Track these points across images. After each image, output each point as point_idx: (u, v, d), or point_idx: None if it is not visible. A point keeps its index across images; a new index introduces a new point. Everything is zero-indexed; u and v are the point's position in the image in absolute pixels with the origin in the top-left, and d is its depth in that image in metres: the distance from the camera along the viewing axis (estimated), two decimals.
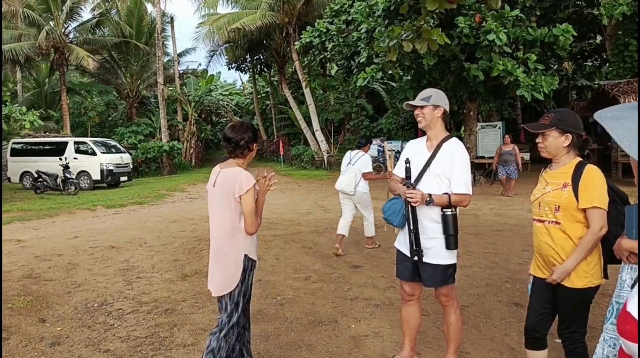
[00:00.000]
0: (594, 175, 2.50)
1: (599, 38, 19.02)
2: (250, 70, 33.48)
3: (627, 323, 1.45)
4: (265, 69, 33.29)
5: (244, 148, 2.99)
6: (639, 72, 15.01)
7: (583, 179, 2.49)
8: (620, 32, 16.11)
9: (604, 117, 1.91)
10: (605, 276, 2.60)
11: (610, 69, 17.46)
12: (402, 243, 3.23)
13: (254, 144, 3.03)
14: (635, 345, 1.37)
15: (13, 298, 4.92)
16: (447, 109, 3.12)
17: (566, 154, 2.61)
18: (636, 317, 1.32)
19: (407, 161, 3.06)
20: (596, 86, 17.92)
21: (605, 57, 18.81)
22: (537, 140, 2.66)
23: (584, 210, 2.49)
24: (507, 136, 12.83)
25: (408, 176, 3.05)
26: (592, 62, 20.54)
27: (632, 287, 2.39)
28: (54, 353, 3.71)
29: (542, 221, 2.66)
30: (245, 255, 2.94)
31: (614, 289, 2.55)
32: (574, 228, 2.53)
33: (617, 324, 2.08)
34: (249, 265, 2.96)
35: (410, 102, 3.14)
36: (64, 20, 26.12)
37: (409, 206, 2.99)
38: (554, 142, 2.59)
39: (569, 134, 2.57)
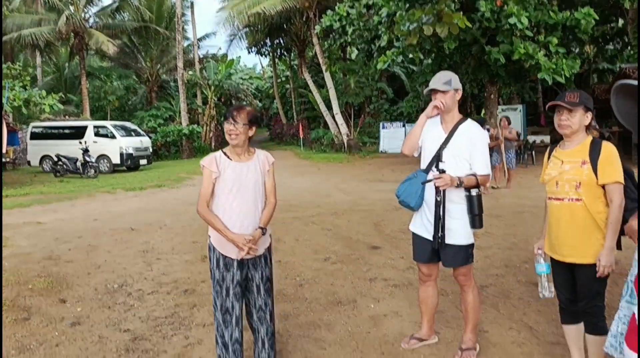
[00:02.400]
0: (612, 151, 2.60)
1: (621, 22, 18.74)
2: (270, 54, 33.32)
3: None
4: (285, 53, 33.10)
5: None
6: (638, 62, 14.88)
7: (602, 155, 2.58)
8: None
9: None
10: (619, 247, 2.67)
11: (632, 52, 17.35)
12: (418, 226, 3.20)
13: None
14: None
15: (34, 279, 4.97)
16: None
17: (582, 132, 2.71)
18: None
19: (442, 148, 3.05)
20: (618, 69, 17.59)
21: (627, 40, 18.66)
22: (563, 117, 2.69)
23: (603, 186, 2.59)
24: (504, 119, 11.37)
25: (438, 163, 3.05)
26: (614, 46, 20.34)
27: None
28: (75, 333, 3.73)
29: (560, 199, 2.71)
30: (209, 234, 2.97)
31: (630, 268, 2.55)
32: (595, 204, 2.61)
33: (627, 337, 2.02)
34: (212, 245, 2.95)
35: (434, 87, 3.04)
36: (84, 5, 26.26)
37: (440, 192, 2.99)
38: (579, 119, 2.66)
39: (590, 113, 2.68)
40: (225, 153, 2.94)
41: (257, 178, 2.95)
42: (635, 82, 1.98)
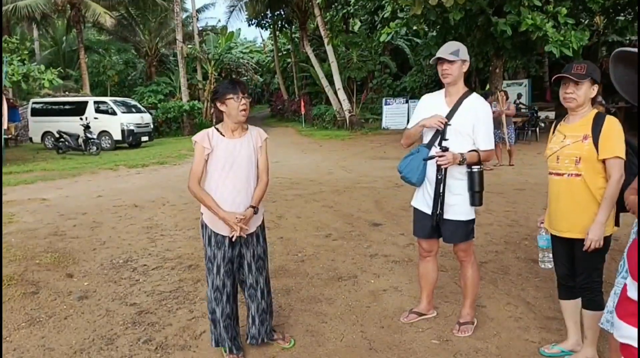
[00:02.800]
0: (614, 126, 2.56)
1: None
2: (271, 26, 32.71)
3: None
4: (286, 25, 32.45)
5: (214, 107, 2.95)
6: (638, 42, 14.53)
7: (604, 130, 2.54)
8: None
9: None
10: (617, 224, 2.71)
11: None
12: (420, 202, 3.20)
13: (218, 103, 2.87)
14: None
15: (40, 254, 5.04)
16: None
17: (587, 106, 2.67)
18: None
19: (446, 125, 2.97)
20: (627, 41, 17.09)
21: (638, 11, 17.94)
22: (568, 90, 2.65)
23: (603, 161, 2.56)
24: (501, 93, 10.95)
25: (441, 140, 2.98)
26: (625, 17, 19.71)
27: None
28: (83, 306, 3.81)
29: (560, 175, 2.69)
30: (202, 213, 2.99)
31: (627, 245, 2.56)
32: (595, 179, 2.59)
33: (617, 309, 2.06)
34: (204, 223, 2.97)
35: (441, 55, 2.95)
36: None
37: (442, 169, 2.95)
38: (585, 92, 2.61)
39: (596, 85, 2.64)
40: (217, 129, 2.92)
41: (250, 154, 2.93)
42: (634, 49, 1.94)
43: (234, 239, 2.86)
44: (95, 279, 4.39)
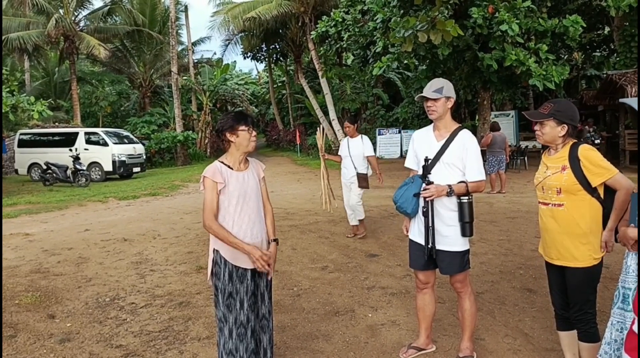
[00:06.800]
0: (590, 153, 2.63)
1: (607, 29, 19.72)
2: (266, 59, 33.27)
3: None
4: (281, 58, 33.08)
5: (219, 137, 2.94)
6: (638, 65, 15.34)
7: (583, 161, 2.61)
8: (627, 24, 16.58)
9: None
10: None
11: (617, 59, 17.98)
12: (415, 233, 3.24)
13: (227, 133, 2.84)
14: None
15: (21, 293, 4.78)
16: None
17: (562, 142, 2.74)
18: None
19: (427, 160, 3.10)
20: (604, 75, 18.43)
21: (613, 47, 19.44)
22: (535, 127, 2.79)
23: (594, 188, 2.61)
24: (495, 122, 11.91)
25: (425, 174, 3.09)
26: (601, 53, 21.25)
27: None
28: (64, 350, 3.59)
29: (546, 204, 2.79)
30: (214, 249, 2.87)
31: (620, 274, 2.61)
32: (577, 208, 2.65)
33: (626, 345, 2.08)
34: (220, 260, 2.84)
35: (423, 94, 3.12)
36: (74, 8, 25.79)
37: (428, 202, 3.03)
38: (550, 131, 2.71)
39: (565, 125, 2.69)
40: (224, 163, 2.89)
41: (257, 185, 2.97)
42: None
43: (259, 269, 2.83)
44: (79, 319, 4.16)
